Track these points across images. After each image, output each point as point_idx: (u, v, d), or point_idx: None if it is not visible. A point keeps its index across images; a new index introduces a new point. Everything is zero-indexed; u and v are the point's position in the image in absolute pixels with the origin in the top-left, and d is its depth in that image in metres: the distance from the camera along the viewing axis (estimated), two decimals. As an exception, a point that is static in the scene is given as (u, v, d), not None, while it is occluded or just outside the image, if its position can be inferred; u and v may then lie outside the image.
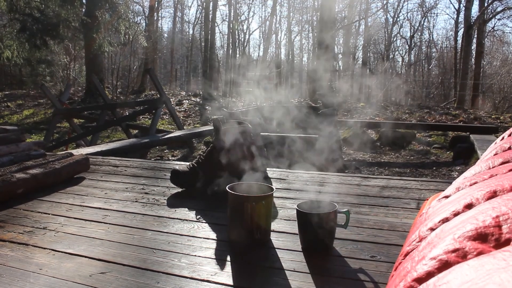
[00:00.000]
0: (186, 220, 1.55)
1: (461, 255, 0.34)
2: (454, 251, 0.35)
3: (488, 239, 0.35)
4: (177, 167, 1.98)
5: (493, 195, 0.46)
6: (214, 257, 1.22)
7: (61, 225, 1.49)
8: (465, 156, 6.50)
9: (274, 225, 1.45)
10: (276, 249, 1.27)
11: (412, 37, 26.91)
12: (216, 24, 22.47)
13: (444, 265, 0.35)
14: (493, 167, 0.61)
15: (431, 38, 28.27)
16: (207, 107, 13.24)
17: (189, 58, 29.98)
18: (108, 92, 14.05)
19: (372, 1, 25.32)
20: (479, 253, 0.34)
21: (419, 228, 0.51)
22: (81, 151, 4.03)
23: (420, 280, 0.35)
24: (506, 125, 10.07)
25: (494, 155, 0.71)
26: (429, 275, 0.35)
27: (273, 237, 1.36)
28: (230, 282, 1.07)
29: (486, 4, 18.51)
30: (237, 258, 1.23)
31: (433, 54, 28.31)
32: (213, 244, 1.32)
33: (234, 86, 17.62)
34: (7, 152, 2.21)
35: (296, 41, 29.19)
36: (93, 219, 1.56)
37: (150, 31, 20.21)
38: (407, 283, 0.36)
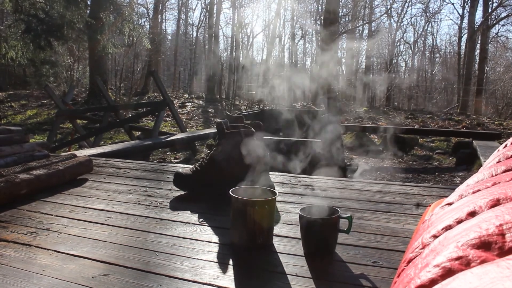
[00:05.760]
0: (189, 223, 1.55)
1: (465, 263, 0.35)
2: (457, 258, 0.36)
3: (492, 247, 0.35)
4: (180, 170, 1.98)
5: (496, 203, 0.46)
6: (216, 260, 1.23)
7: (64, 226, 1.50)
8: (467, 162, 6.48)
9: (277, 230, 1.45)
10: (279, 254, 1.27)
11: (415, 42, 26.92)
12: (220, 27, 22.52)
13: (448, 273, 0.35)
14: (496, 175, 0.62)
15: (434, 43, 28.28)
16: (210, 110, 13.27)
17: (193, 61, 30.04)
18: (111, 93, 14.08)
19: (376, 6, 25.30)
20: (483, 261, 0.34)
21: (422, 235, 0.51)
22: (84, 152, 4.04)
23: (424, 287, 0.36)
24: (509, 131, 10.05)
25: (497, 162, 0.71)
26: (432, 282, 0.35)
27: (276, 241, 1.36)
28: (232, 286, 1.08)
29: (490, 10, 18.53)
30: (240, 262, 1.23)
31: (436, 60, 28.31)
32: (216, 248, 1.32)
33: (237, 89, 17.63)
34: (11, 153, 2.22)
35: (300, 45, 29.22)
36: (96, 221, 1.56)
37: (154, 33, 20.27)
38: (411, 290, 0.36)
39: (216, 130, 1.92)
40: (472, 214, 0.46)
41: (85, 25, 12.33)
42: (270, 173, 2.19)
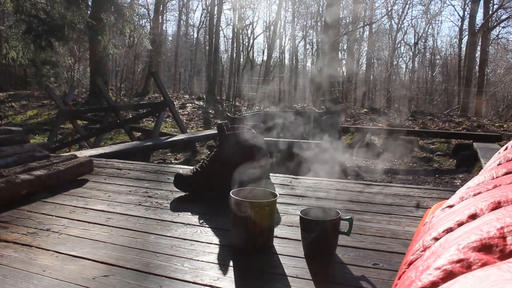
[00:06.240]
0: (189, 224, 1.55)
1: (466, 266, 0.35)
2: (458, 261, 0.36)
3: (493, 250, 0.35)
4: (180, 171, 1.99)
5: (497, 205, 0.46)
6: (216, 262, 1.23)
7: (65, 227, 1.50)
8: (468, 164, 6.48)
9: (277, 231, 1.45)
10: (279, 255, 1.27)
11: (416, 43, 26.94)
12: (220, 28, 22.52)
13: (449, 275, 0.35)
14: (496, 177, 0.62)
15: (435, 45, 28.30)
16: (210, 111, 13.27)
17: (193, 62, 30.07)
18: (112, 94, 14.08)
19: (377, 8, 25.36)
20: (484, 264, 0.34)
21: (422, 238, 0.51)
22: (84, 153, 4.04)
23: (425, 290, 0.36)
24: (509, 133, 10.04)
25: (498, 165, 0.71)
26: (433, 285, 0.35)
27: (276, 243, 1.36)
28: (233, 287, 1.08)
29: (490, 12, 18.53)
30: (240, 263, 1.23)
31: (437, 61, 28.31)
32: (216, 249, 1.32)
33: (237, 90, 17.65)
34: (12, 153, 2.22)
35: (300, 46, 29.23)
36: (96, 222, 1.56)
37: (154, 34, 20.28)
38: (412, 293, 0.37)
39: (216, 131, 1.92)
40: (473, 216, 0.46)
41: (86, 25, 12.34)
42: (271, 174, 2.19)
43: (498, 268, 0.32)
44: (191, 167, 2.02)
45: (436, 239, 0.47)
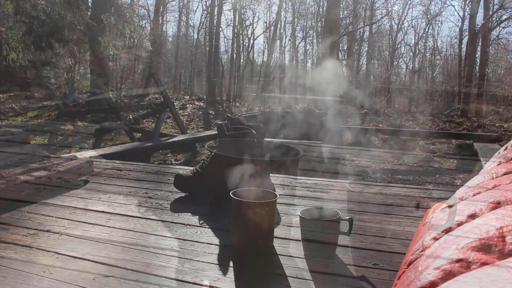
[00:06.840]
0: (189, 225, 1.55)
1: (465, 266, 0.35)
2: (458, 261, 0.36)
3: (492, 250, 0.35)
4: (180, 172, 1.98)
5: (497, 205, 0.46)
6: (217, 262, 1.23)
7: (65, 228, 1.50)
8: (468, 164, 6.48)
9: (277, 232, 1.45)
10: (279, 255, 1.27)
11: (416, 44, 26.91)
12: (220, 29, 22.50)
13: (448, 275, 0.35)
14: (496, 177, 0.62)
15: (435, 46, 28.22)
16: (210, 112, 13.27)
17: (193, 62, 30.02)
18: (112, 95, 14.07)
19: (377, 8, 25.32)
20: (483, 264, 0.34)
21: (422, 238, 0.51)
22: (84, 154, 4.04)
23: (424, 289, 0.35)
24: (510, 133, 10.04)
25: (498, 165, 0.71)
26: (432, 284, 0.35)
27: (276, 243, 1.36)
28: (233, 287, 1.08)
29: (490, 12, 18.51)
30: (240, 264, 1.23)
31: (437, 62, 28.26)
32: (216, 250, 1.32)
33: (238, 91, 17.64)
34: (12, 154, 2.22)
35: (301, 47, 29.20)
36: (96, 223, 1.56)
37: (154, 35, 20.27)
38: (411, 293, 0.36)
39: (217, 132, 1.92)
40: (473, 216, 0.46)
41: (86, 26, 12.34)
42: (271, 175, 2.19)
43: (497, 268, 0.32)
44: (191, 168, 2.02)
45: (435, 239, 0.47)
